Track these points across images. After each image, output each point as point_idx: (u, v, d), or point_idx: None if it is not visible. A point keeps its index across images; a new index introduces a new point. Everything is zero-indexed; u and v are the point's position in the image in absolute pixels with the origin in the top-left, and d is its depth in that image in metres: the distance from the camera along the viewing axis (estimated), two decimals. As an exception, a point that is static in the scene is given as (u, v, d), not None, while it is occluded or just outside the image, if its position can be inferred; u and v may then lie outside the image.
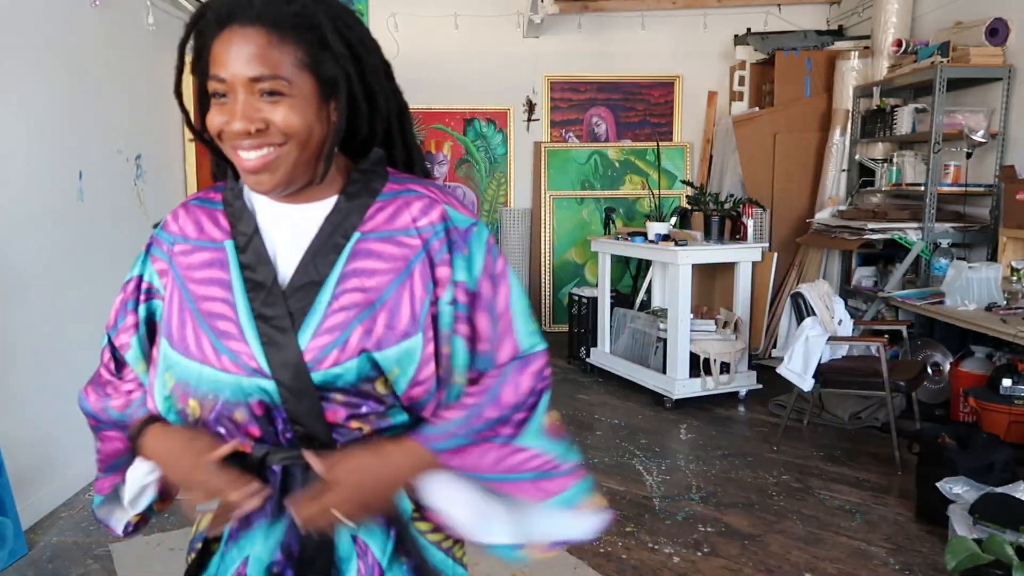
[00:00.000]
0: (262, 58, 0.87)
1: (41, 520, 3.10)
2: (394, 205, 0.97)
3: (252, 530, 0.98)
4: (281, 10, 0.89)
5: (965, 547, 2.32)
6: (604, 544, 2.91)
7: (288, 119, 0.89)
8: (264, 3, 0.88)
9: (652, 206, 5.89)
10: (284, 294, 0.92)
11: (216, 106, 0.91)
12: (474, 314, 0.97)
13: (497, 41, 6.48)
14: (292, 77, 0.89)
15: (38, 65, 3.18)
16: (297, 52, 0.89)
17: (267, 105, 0.89)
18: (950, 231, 4.57)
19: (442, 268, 0.95)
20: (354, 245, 0.94)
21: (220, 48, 0.89)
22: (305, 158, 0.92)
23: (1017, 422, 3.56)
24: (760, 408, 4.62)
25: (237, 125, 0.88)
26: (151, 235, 1.03)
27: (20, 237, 3.06)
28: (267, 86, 0.88)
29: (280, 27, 0.88)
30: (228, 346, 0.91)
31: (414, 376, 0.93)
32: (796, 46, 6.03)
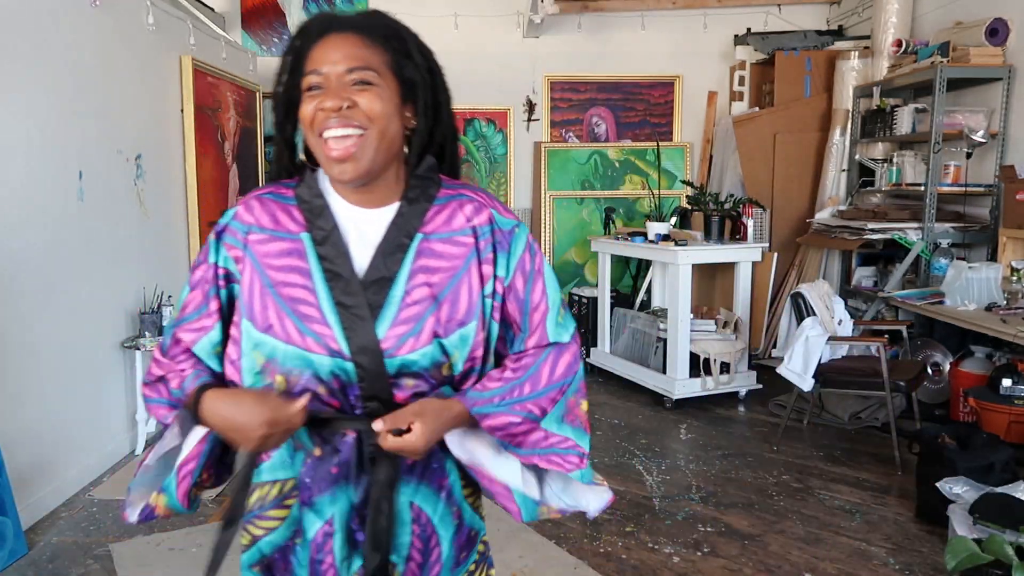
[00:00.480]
0: (355, 55, 1.03)
1: (41, 520, 3.10)
2: (449, 208, 1.11)
3: (333, 494, 1.08)
4: (373, 22, 1.07)
5: (965, 547, 2.32)
6: (604, 544, 2.91)
7: (372, 104, 1.02)
8: (359, 17, 1.07)
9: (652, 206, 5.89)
10: (362, 285, 1.04)
11: (310, 98, 1.04)
12: (506, 304, 1.11)
13: (497, 41, 6.48)
14: (379, 71, 1.04)
15: (38, 65, 3.18)
16: (384, 55, 1.05)
17: (356, 91, 1.02)
18: (950, 231, 4.57)
19: (486, 265, 1.10)
20: (418, 245, 1.08)
21: (319, 49, 1.04)
22: (383, 150, 1.05)
23: (1017, 422, 3.55)
24: (760, 408, 4.62)
25: (329, 102, 1.01)
26: (221, 224, 1.11)
27: (20, 237, 3.06)
28: (358, 76, 1.02)
29: (372, 34, 1.05)
30: (312, 328, 1.03)
31: (467, 357, 1.08)
32: (796, 46, 6.03)
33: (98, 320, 3.62)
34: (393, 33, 1.07)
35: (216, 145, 4.95)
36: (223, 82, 5.05)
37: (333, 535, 1.08)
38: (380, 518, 1.06)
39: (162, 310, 3.88)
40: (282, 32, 6.44)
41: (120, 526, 3.07)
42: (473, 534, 1.19)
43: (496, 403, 1.08)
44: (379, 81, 1.04)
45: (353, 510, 1.09)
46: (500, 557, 2.80)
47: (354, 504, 1.08)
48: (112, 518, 3.15)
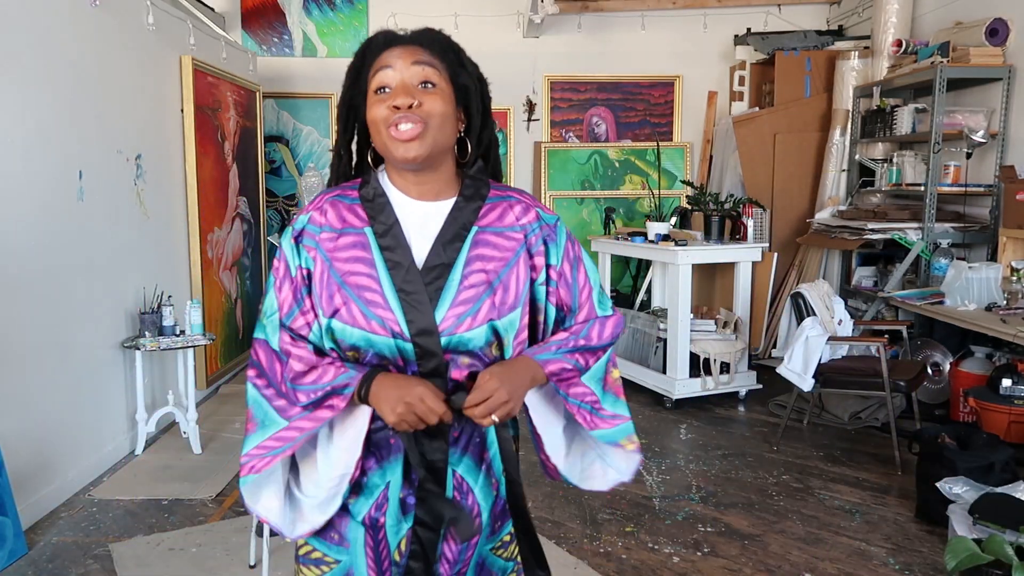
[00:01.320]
0: (420, 59, 1.17)
1: (41, 520, 3.10)
2: (500, 207, 1.25)
3: (391, 462, 1.21)
4: (431, 36, 1.20)
5: (965, 547, 2.32)
6: (604, 544, 2.91)
7: (434, 104, 1.15)
8: (418, 33, 1.20)
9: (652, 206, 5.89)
10: (420, 273, 1.16)
11: (378, 100, 1.16)
12: (559, 289, 1.26)
13: (497, 41, 6.48)
14: (439, 72, 1.18)
15: (38, 65, 3.18)
16: (442, 63, 1.19)
17: (421, 92, 1.15)
18: (950, 231, 4.57)
19: (539, 257, 1.24)
20: (474, 237, 1.21)
21: (386, 56, 1.17)
22: (441, 141, 1.18)
23: (1017, 422, 3.56)
24: (760, 408, 4.62)
25: (400, 99, 1.14)
26: (297, 228, 1.22)
27: (20, 237, 3.06)
28: (423, 74, 1.16)
29: (431, 46, 1.19)
30: (376, 312, 1.15)
31: (516, 340, 1.21)
32: (796, 46, 6.03)
33: (98, 320, 3.62)
34: (448, 46, 1.21)
35: (216, 145, 4.95)
36: (223, 82, 5.05)
37: (388, 500, 1.21)
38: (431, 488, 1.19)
39: (162, 310, 3.88)
40: (282, 32, 6.44)
41: (120, 526, 3.07)
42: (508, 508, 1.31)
43: (553, 351, 1.22)
44: (440, 82, 1.17)
45: (404, 476, 1.21)
46: (500, 557, 2.80)
47: (405, 470, 1.21)
48: (112, 518, 3.15)
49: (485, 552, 1.29)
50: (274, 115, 6.46)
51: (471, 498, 1.23)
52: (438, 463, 1.19)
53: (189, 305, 3.96)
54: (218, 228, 4.97)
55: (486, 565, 1.29)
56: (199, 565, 2.77)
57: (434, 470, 1.19)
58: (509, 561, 1.33)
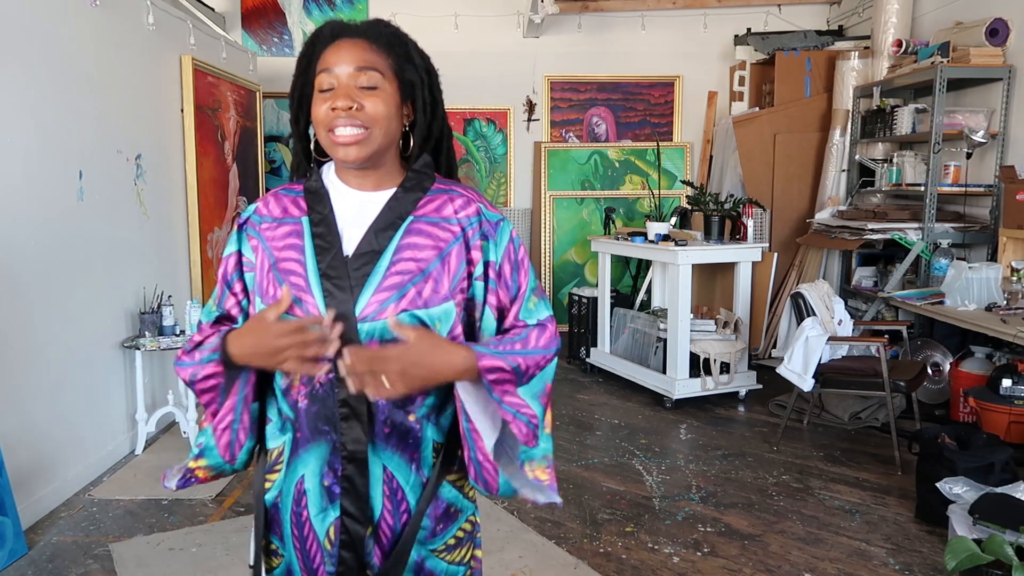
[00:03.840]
0: (364, 58, 1.16)
1: (41, 520, 3.10)
2: (440, 199, 1.23)
3: (308, 450, 1.19)
4: (380, 30, 1.19)
5: (965, 547, 2.32)
6: (604, 544, 2.91)
7: (377, 107, 1.15)
8: (367, 25, 1.20)
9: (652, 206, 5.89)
10: (346, 259, 1.16)
11: (321, 99, 1.16)
12: (499, 288, 1.22)
13: (497, 41, 6.49)
14: (383, 73, 1.17)
15: (38, 65, 3.18)
16: (388, 60, 1.18)
17: (364, 94, 1.15)
18: (950, 231, 4.57)
19: (475, 251, 1.21)
20: (408, 225, 1.19)
21: (331, 52, 1.17)
22: (383, 143, 1.18)
23: (1017, 422, 3.56)
24: (760, 408, 4.62)
25: (340, 102, 1.13)
26: (243, 218, 1.27)
27: (20, 237, 3.06)
28: (365, 78, 1.15)
29: (377, 41, 1.18)
30: (299, 296, 1.16)
31: (450, 332, 1.18)
32: (796, 46, 6.03)
33: (98, 320, 3.62)
34: (396, 40, 1.20)
35: (216, 145, 4.95)
36: (223, 82, 5.05)
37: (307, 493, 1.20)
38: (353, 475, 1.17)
39: (162, 310, 3.88)
40: (282, 32, 6.44)
41: (120, 526, 3.07)
42: (454, 511, 1.27)
43: (491, 348, 1.17)
44: (383, 84, 1.16)
45: (326, 465, 1.19)
46: (500, 557, 2.80)
47: (328, 461, 1.19)
48: (112, 518, 3.15)
49: (425, 553, 1.23)
50: (274, 115, 6.46)
51: (400, 494, 1.20)
52: (358, 454, 1.17)
53: (189, 305, 3.96)
54: (218, 228, 4.97)
55: (426, 567, 1.24)
56: (199, 565, 2.77)
57: (355, 460, 1.17)
58: (458, 566, 1.27)
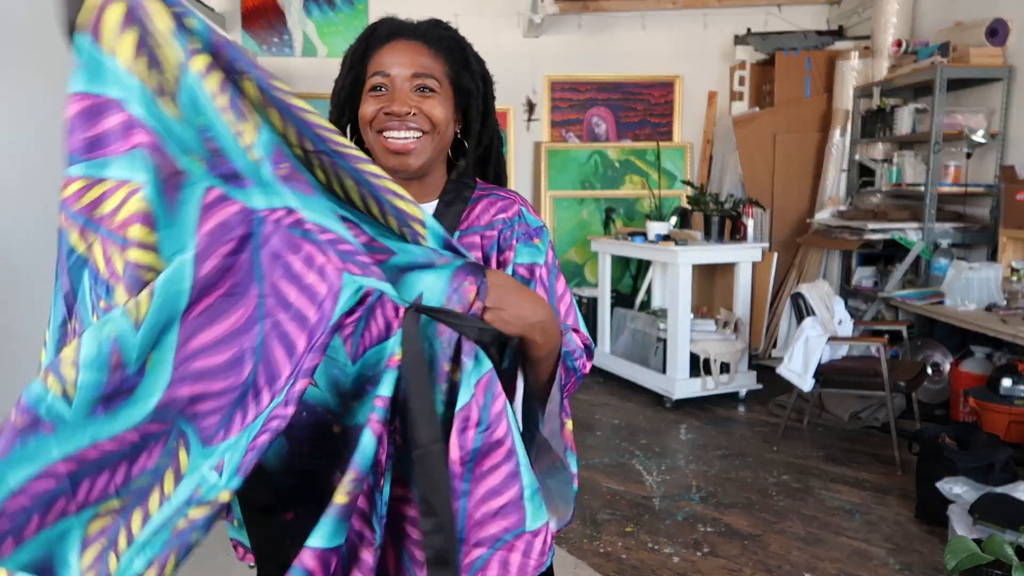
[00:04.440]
0: (421, 62, 1.10)
1: (41, 520, 3.10)
2: (481, 204, 1.16)
3: None
4: (439, 33, 1.13)
5: (965, 547, 2.32)
6: (604, 544, 2.91)
7: (435, 110, 1.09)
8: (427, 27, 1.13)
9: (652, 206, 5.89)
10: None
11: (372, 98, 1.09)
12: (537, 287, 1.12)
13: (497, 41, 6.48)
14: (440, 80, 1.11)
15: (38, 65, 3.18)
16: (446, 66, 1.12)
17: (420, 98, 1.09)
18: (950, 231, 4.57)
19: (507, 252, 1.13)
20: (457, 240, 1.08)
21: (387, 53, 1.10)
22: (438, 151, 1.12)
23: (1017, 422, 3.56)
24: (760, 408, 4.62)
25: (397, 106, 1.07)
26: None
27: (20, 237, 3.06)
28: (422, 83, 1.09)
29: (437, 45, 1.12)
30: None
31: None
32: (796, 46, 6.03)
33: (98, 320, 3.62)
34: (455, 44, 1.15)
35: (216, 145, 4.94)
36: (223, 82, 5.05)
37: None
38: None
39: (162, 310, 3.87)
40: (282, 32, 6.44)
41: (120, 526, 3.06)
42: None
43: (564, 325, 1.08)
44: (439, 89, 1.11)
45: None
46: (500, 557, 2.80)
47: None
48: (112, 518, 3.14)
49: None
50: (274, 115, 6.46)
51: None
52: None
53: (189, 305, 3.96)
54: (218, 228, 4.96)
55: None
56: (199, 565, 2.76)
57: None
58: None
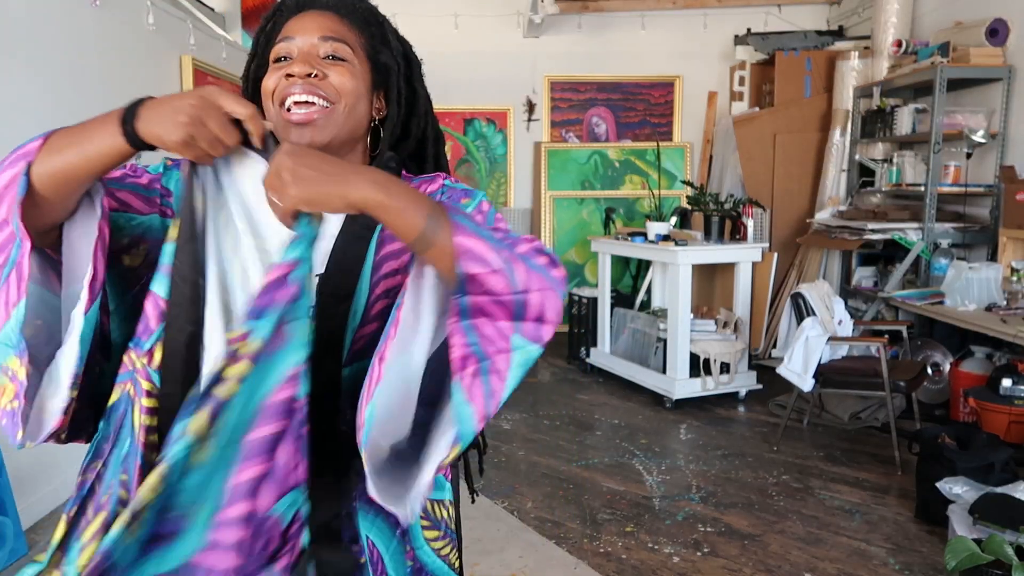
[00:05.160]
0: (331, 27, 0.98)
1: (41, 520, 3.10)
2: None
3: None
4: (353, 4, 1.01)
5: (965, 547, 2.32)
6: (604, 544, 2.91)
7: (343, 79, 0.96)
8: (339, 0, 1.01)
9: (652, 206, 5.89)
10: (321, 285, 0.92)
11: (276, 68, 0.97)
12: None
13: (497, 41, 6.49)
14: (353, 49, 0.98)
15: (38, 65, 3.18)
16: (360, 38, 1.00)
17: (328, 65, 0.96)
18: (950, 231, 4.57)
19: None
20: (379, 233, 0.96)
21: (294, 22, 0.98)
22: (347, 128, 0.97)
23: (1017, 422, 3.56)
24: (760, 408, 4.62)
25: (297, 68, 0.94)
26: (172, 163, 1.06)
27: (20, 237, 3.06)
28: (330, 47, 0.96)
29: (350, 16, 1.00)
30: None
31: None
32: (796, 46, 6.03)
33: (98, 320, 3.61)
34: (372, 17, 1.03)
35: (216, 145, 4.94)
36: (223, 82, 5.05)
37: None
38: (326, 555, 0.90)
39: (162, 310, 3.87)
40: (282, 32, 6.44)
41: (120, 526, 3.06)
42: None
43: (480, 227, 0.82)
44: (352, 59, 0.98)
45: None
46: (500, 557, 2.80)
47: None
48: (112, 518, 3.14)
49: None
50: (274, 115, 6.46)
51: (380, 567, 0.94)
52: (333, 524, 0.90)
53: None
54: (218, 228, 4.97)
55: None
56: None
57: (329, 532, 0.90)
58: None
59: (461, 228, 0.79)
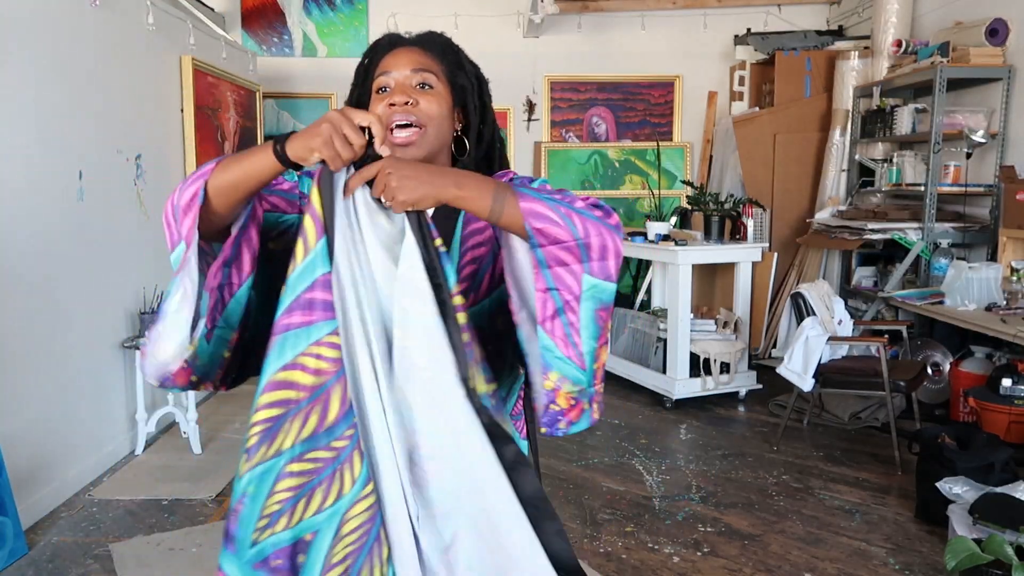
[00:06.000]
0: (419, 61, 1.21)
1: (41, 520, 3.10)
2: None
3: None
4: (433, 39, 1.26)
5: (965, 547, 2.32)
6: (604, 544, 2.91)
7: (431, 105, 1.19)
8: (422, 35, 1.26)
9: (652, 206, 5.90)
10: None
11: (379, 99, 1.20)
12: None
13: (497, 41, 6.48)
14: (437, 76, 1.22)
15: (38, 65, 3.18)
16: (441, 65, 1.23)
17: (418, 93, 1.19)
18: (950, 231, 4.57)
19: None
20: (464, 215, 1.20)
21: (389, 58, 1.22)
22: (438, 144, 1.20)
23: (1017, 422, 3.56)
24: (760, 408, 4.62)
25: (397, 97, 1.17)
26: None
27: (20, 237, 3.06)
28: (420, 77, 1.20)
29: (432, 49, 1.24)
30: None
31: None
32: (796, 46, 6.03)
33: (98, 320, 3.62)
34: (448, 48, 1.26)
35: (216, 145, 4.95)
36: (223, 82, 5.05)
37: None
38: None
39: (162, 310, 3.88)
40: (282, 32, 6.44)
41: (120, 526, 3.07)
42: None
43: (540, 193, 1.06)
44: (437, 84, 1.21)
45: None
46: (500, 557, 2.80)
47: None
48: (112, 518, 3.15)
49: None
50: (274, 115, 6.46)
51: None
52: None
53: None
54: (218, 228, 4.97)
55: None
56: (199, 565, 2.77)
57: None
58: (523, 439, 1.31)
59: (523, 196, 1.03)
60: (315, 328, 1.01)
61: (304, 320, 1.01)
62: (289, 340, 1.01)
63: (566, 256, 1.02)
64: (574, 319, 1.04)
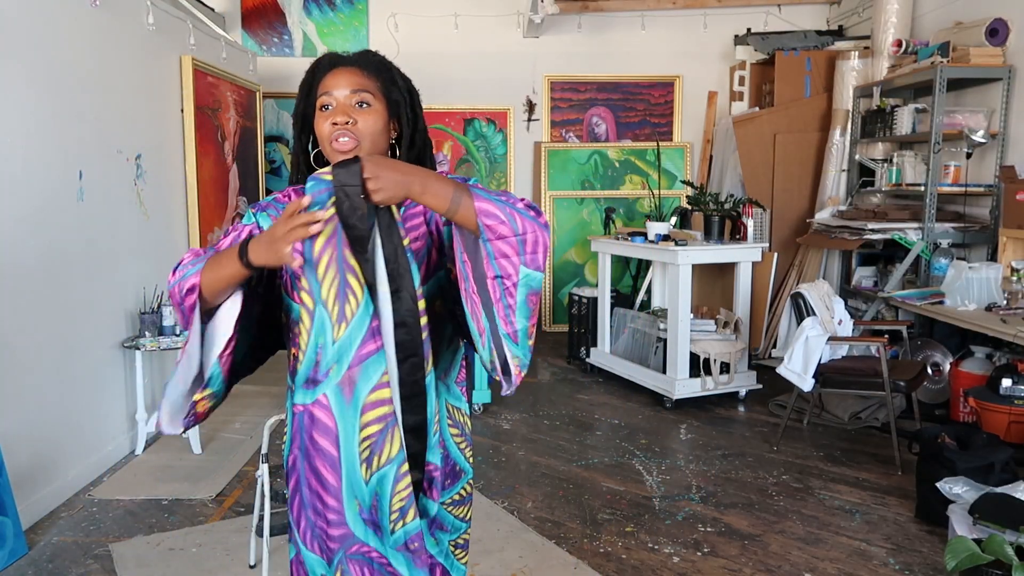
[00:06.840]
0: (357, 81, 1.35)
1: (41, 520, 3.11)
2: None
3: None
4: (369, 59, 1.39)
5: (965, 547, 2.32)
6: (604, 544, 2.91)
7: (367, 122, 1.34)
8: (358, 55, 1.40)
9: (652, 206, 5.90)
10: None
11: (323, 117, 1.34)
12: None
13: (497, 41, 6.49)
14: (374, 94, 1.36)
15: (38, 65, 3.18)
16: (377, 82, 1.37)
17: (358, 111, 1.34)
18: (950, 231, 4.57)
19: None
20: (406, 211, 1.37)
21: (330, 78, 1.36)
22: (374, 151, 1.33)
23: (1017, 422, 3.56)
24: (760, 408, 4.62)
25: (339, 117, 1.32)
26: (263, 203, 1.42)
27: (20, 237, 3.06)
28: (359, 97, 1.34)
29: (368, 68, 1.37)
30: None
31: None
32: (796, 46, 6.03)
33: (98, 320, 3.62)
34: (383, 66, 1.39)
35: (216, 145, 4.95)
36: (223, 82, 5.05)
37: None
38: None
39: (162, 310, 3.88)
40: (282, 32, 6.44)
41: (120, 526, 3.07)
42: (458, 470, 1.45)
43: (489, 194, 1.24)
44: (374, 102, 1.35)
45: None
46: (500, 557, 2.80)
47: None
48: (112, 518, 3.15)
49: (438, 508, 1.40)
50: (274, 115, 6.46)
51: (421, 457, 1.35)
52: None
53: (189, 305, 3.95)
54: (218, 228, 4.97)
55: (438, 518, 1.41)
56: (199, 565, 2.77)
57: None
58: (462, 522, 1.45)
59: (477, 196, 1.22)
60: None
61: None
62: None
63: (508, 249, 1.22)
64: (512, 302, 1.25)
